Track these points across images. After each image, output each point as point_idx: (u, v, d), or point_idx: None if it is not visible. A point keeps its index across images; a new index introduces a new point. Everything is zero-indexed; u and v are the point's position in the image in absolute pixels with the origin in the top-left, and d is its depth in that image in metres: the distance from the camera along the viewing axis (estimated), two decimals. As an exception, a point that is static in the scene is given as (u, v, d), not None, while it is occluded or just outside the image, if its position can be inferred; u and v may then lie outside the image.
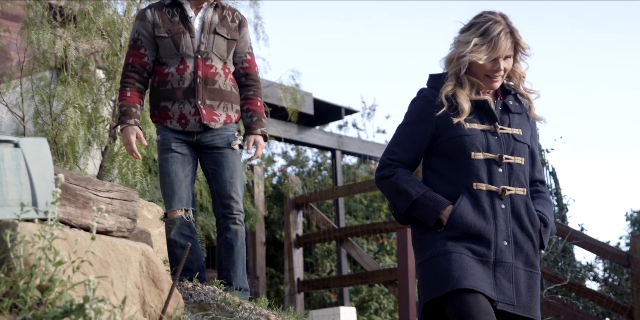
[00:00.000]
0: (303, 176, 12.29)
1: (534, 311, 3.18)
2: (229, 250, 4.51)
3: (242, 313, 3.59)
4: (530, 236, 3.23)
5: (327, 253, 11.32)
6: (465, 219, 3.15)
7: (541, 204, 3.36)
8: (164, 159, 4.50)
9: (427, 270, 3.15)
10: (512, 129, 3.31)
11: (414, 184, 3.24)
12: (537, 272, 3.25)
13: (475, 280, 3.04)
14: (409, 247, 7.05)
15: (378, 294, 11.23)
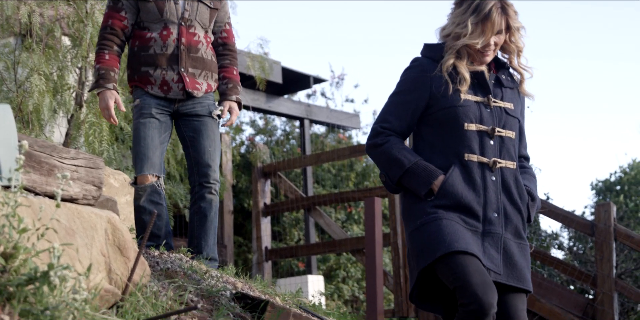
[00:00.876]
0: (271, 145, 12.27)
1: (527, 282, 3.20)
2: (202, 219, 4.51)
3: (209, 281, 3.59)
4: (519, 209, 3.25)
5: (295, 222, 11.34)
6: (456, 190, 3.16)
7: (527, 179, 3.39)
8: (142, 124, 4.45)
9: (419, 238, 3.15)
10: (504, 102, 3.32)
11: (407, 153, 3.24)
12: (527, 244, 3.27)
13: (467, 243, 3.06)
14: (376, 216, 7.08)
15: (346, 263, 11.30)
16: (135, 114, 4.51)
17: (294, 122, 12.60)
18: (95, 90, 4.51)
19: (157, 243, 4.34)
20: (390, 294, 10.79)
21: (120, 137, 7.15)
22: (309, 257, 9.39)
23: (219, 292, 3.42)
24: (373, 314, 6.83)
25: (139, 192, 4.41)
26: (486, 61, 3.32)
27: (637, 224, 13.77)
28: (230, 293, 3.52)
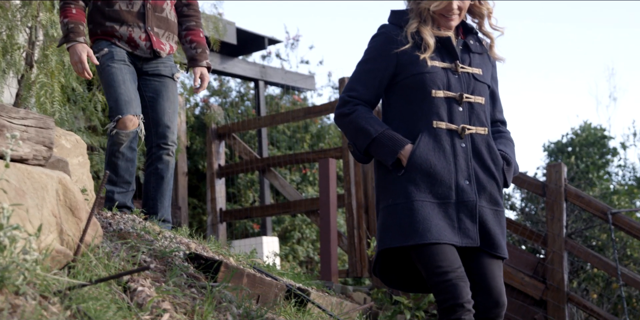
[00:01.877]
0: (226, 107, 12.21)
1: (501, 249, 3.19)
2: (158, 180, 4.49)
3: (162, 241, 3.58)
4: (492, 175, 3.23)
5: (249, 183, 11.33)
6: (425, 159, 3.13)
7: (503, 144, 3.36)
8: (117, 68, 4.38)
9: (389, 217, 3.15)
10: (472, 68, 3.28)
11: (374, 122, 3.20)
12: (502, 210, 3.26)
13: (439, 231, 3.06)
14: (330, 177, 7.10)
15: (300, 224, 11.34)
16: (106, 61, 4.41)
17: (248, 83, 12.53)
18: (65, 45, 4.41)
19: (127, 189, 4.35)
20: (344, 255, 10.87)
21: (72, 98, 7.06)
22: (263, 219, 9.41)
23: (172, 253, 3.42)
24: (327, 274, 6.87)
25: (121, 137, 4.34)
26: (451, 26, 3.28)
27: (588, 184, 13.97)
28: (184, 254, 3.52)
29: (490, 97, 3.39)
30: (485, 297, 3.12)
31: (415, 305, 6.29)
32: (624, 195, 13.62)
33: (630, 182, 16.47)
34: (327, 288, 5.92)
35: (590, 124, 15.76)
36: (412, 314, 6.29)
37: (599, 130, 15.62)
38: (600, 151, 15.51)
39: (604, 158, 15.63)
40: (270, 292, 3.84)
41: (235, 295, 3.38)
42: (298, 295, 4.12)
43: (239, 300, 3.35)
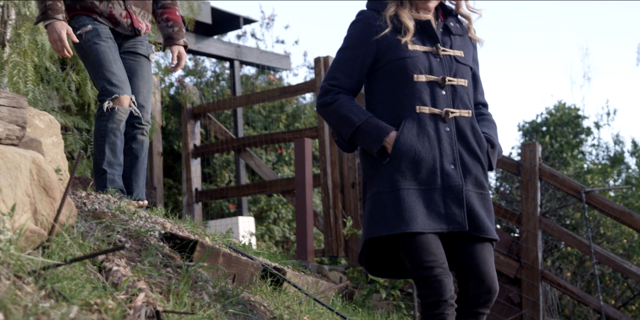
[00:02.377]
0: (201, 86, 12.15)
1: (490, 232, 3.16)
2: (133, 160, 4.48)
3: (138, 221, 3.57)
4: (478, 158, 3.20)
5: (225, 163, 11.31)
6: (410, 146, 3.10)
7: (486, 126, 3.33)
8: (107, 47, 4.35)
9: (375, 206, 3.13)
10: (453, 50, 3.25)
11: (357, 111, 3.17)
12: (487, 193, 3.24)
13: (424, 220, 3.04)
14: (306, 157, 7.10)
15: (276, 204, 11.35)
16: (92, 38, 4.36)
17: (224, 63, 12.48)
18: (42, 22, 4.36)
19: (121, 171, 4.35)
20: (320, 235, 10.90)
21: (46, 77, 7.00)
22: (239, 199, 9.40)
23: (147, 233, 3.41)
24: (303, 253, 6.89)
25: (121, 114, 4.33)
26: (429, 8, 3.25)
27: (562, 164, 14.07)
28: (159, 233, 3.51)
29: (472, 79, 3.35)
30: (477, 283, 3.10)
31: (391, 284, 6.32)
32: (598, 174, 13.73)
33: (604, 161, 16.61)
34: (303, 267, 5.94)
35: (564, 104, 15.84)
36: (388, 293, 6.33)
37: (573, 110, 15.70)
38: (574, 131, 15.61)
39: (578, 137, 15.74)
40: (246, 271, 3.85)
41: (211, 275, 3.38)
42: (274, 275, 4.13)
43: (214, 280, 3.35)
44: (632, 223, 7.24)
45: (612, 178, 15.25)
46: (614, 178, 15.47)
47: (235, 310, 3.17)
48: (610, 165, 15.98)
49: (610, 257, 7.26)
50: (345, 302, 5.02)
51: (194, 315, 2.71)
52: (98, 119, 4.39)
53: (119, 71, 4.35)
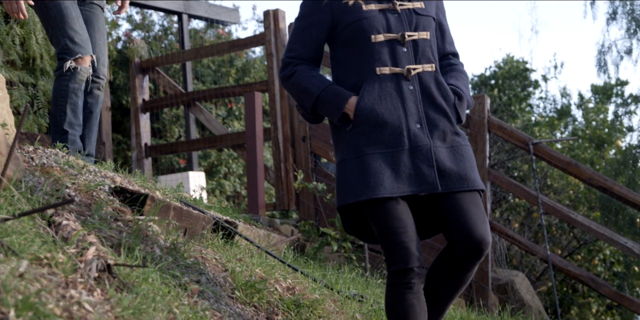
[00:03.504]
0: (149, 41, 11.99)
1: (470, 182, 3.06)
2: (88, 115, 4.43)
3: (87, 176, 3.54)
4: (444, 112, 3.10)
5: (175, 118, 11.23)
6: (371, 109, 3.03)
7: (454, 77, 3.23)
8: (69, 3, 4.28)
9: (341, 174, 3.07)
10: (412, 3, 3.14)
11: (315, 80, 3.10)
12: (459, 144, 3.12)
13: (392, 184, 2.97)
14: (256, 111, 7.07)
15: (227, 159, 11.32)
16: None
17: (171, 17, 12.30)
18: None
19: (80, 133, 4.32)
20: (271, 189, 10.90)
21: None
22: (189, 154, 9.36)
23: (97, 187, 3.38)
24: (254, 207, 6.90)
25: (83, 74, 4.30)
26: None
27: (510, 116, 14.19)
28: (109, 187, 3.48)
29: (438, 30, 3.26)
30: (464, 236, 2.97)
31: (342, 237, 6.36)
32: (545, 126, 13.89)
33: (551, 113, 16.80)
34: (254, 221, 5.95)
35: (512, 57, 15.94)
36: (339, 246, 6.38)
37: (521, 63, 15.81)
38: (522, 84, 15.74)
39: (525, 90, 15.88)
40: (198, 225, 3.84)
41: (162, 229, 3.38)
42: (225, 228, 4.13)
43: (166, 234, 3.34)
44: (579, 174, 7.35)
45: (559, 130, 15.45)
46: (561, 130, 15.67)
47: (187, 263, 3.17)
48: (557, 117, 16.18)
49: (557, 207, 7.38)
50: (296, 255, 5.05)
51: (146, 268, 2.70)
52: (59, 78, 4.34)
53: (82, 30, 4.29)
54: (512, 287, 7.28)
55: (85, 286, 2.32)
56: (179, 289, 2.83)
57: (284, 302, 3.48)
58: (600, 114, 15.42)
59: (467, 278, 3.07)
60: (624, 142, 14.96)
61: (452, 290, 3.09)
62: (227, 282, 3.36)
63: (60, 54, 4.30)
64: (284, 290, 3.62)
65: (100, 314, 2.15)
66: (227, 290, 3.29)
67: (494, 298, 7.11)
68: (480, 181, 3.11)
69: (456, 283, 3.06)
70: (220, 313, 2.92)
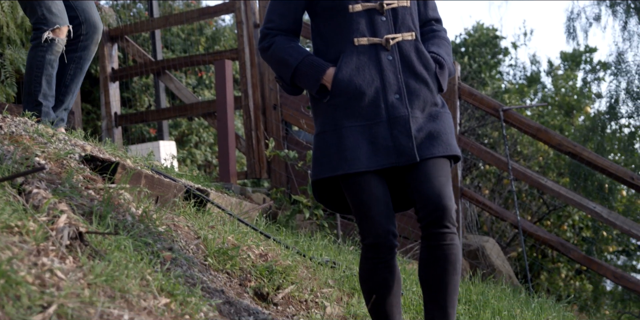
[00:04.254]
0: (117, 9, 11.87)
1: (450, 148, 3.01)
2: (77, 70, 4.45)
3: (57, 144, 3.51)
4: (425, 81, 3.03)
5: (144, 88, 11.16)
6: (349, 81, 2.97)
7: (436, 44, 3.15)
8: None
9: (319, 147, 3.03)
10: None
11: (293, 51, 3.04)
12: (441, 110, 3.06)
13: (369, 158, 2.93)
14: (227, 79, 7.04)
15: (198, 128, 11.29)
16: None
17: (139, -16, 12.19)
18: None
19: (53, 104, 4.30)
20: (242, 158, 10.90)
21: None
22: (160, 123, 9.31)
23: (67, 155, 3.36)
24: (226, 176, 6.90)
25: (60, 45, 4.30)
26: None
27: (480, 84, 14.23)
28: (79, 156, 3.46)
29: None
30: (423, 203, 2.92)
31: (314, 204, 6.38)
32: (515, 93, 13.95)
33: (521, 81, 16.86)
34: (226, 189, 5.96)
35: (482, 25, 15.95)
36: (311, 213, 6.40)
37: (491, 31, 15.82)
38: (492, 51, 15.77)
39: (495, 58, 15.91)
40: (169, 193, 3.84)
41: (133, 197, 3.37)
42: (197, 196, 4.13)
43: (137, 201, 3.33)
44: (548, 140, 7.41)
45: (529, 97, 15.52)
46: (531, 97, 15.75)
47: (159, 231, 3.17)
48: (527, 84, 16.24)
49: (527, 173, 7.44)
50: (268, 222, 5.07)
51: (118, 235, 2.70)
52: (35, 48, 4.31)
53: (55, 4, 4.26)
54: (483, 253, 7.35)
55: (57, 254, 2.31)
56: (152, 257, 2.83)
57: (257, 269, 3.49)
58: (570, 80, 15.49)
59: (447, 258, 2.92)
60: (592, 108, 15.06)
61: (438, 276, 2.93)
62: (200, 249, 3.37)
63: (37, 24, 4.27)
64: (257, 257, 3.63)
65: (72, 281, 2.15)
66: (200, 258, 3.30)
67: (464, 263, 7.18)
68: (457, 147, 3.06)
69: (437, 265, 2.93)
70: (193, 280, 2.93)
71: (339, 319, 3.59)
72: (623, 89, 12.80)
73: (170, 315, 2.38)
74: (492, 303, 4.60)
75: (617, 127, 13.86)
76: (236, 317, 2.87)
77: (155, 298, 2.42)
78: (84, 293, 2.11)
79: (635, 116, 13.31)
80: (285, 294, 3.48)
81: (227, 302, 2.97)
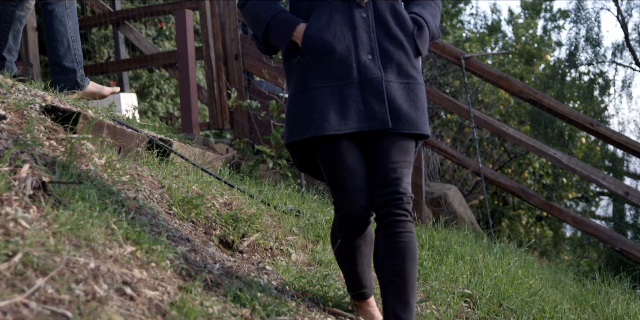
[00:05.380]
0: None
1: (419, 125, 2.87)
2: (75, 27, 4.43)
3: (16, 94, 3.47)
4: (400, 44, 2.88)
5: (103, 39, 11.02)
6: (319, 38, 2.83)
7: (420, 5, 2.99)
8: None
9: (289, 109, 2.90)
10: None
11: (267, 7, 2.90)
12: (416, 82, 2.91)
13: (340, 121, 2.77)
14: (187, 29, 6.96)
15: (158, 79, 11.20)
16: None
17: None
18: None
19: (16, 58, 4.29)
20: (205, 110, 10.84)
21: None
22: (120, 75, 9.21)
23: (27, 106, 3.32)
24: (188, 126, 6.87)
25: (30, 3, 4.30)
26: None
27: (441, 33, 14.22)
28: (40, 106, 3.42)
29: None
30: (380, 187, 2.81)
31: (277, 154, 6.39)
32: (476, 42, 13.97)
33: (482, 30, 16.88)
34: (189, 140, 5.93)
35: (444, -27, 15.86)
36: (275, 163, 6.41)
37: (453, -21, 15.76)
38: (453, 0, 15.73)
39: (456, 7, 15.88)
40: (132, 143, 3.82)
41: (96, 147, 3.35)
42: (160, 146, 4.11)
43: (100, 151, 3.31)
44: (509, 87, 7.45)
45: (490, 46, 15.56)
46: (492, 46, 15.80)
47: (123, 180, 3.16)
48: (488, 33, 16.27)
49: (488, 120, 7.49)
50: (232, 172, 5.07)
51: (81, 185, 2.69)
52: (4, 2, 4.24)
53: None
54: (445, 200, 7.43)
55: (20, 204, 2.30)
56: (116, 206, 2.83)
57: (222, 217, 3.50)
58: (530, 29, 15.54)
59: (407, 246, 2.81)
60: (552, 56, 15.15)
61: (399, 266, 2.80)
62: (164, 198, 3.37)
63: None
64: (221, 205, 3.64)
65: (37, 230, 2.15)
66: (165, 207, 3.30)
67: (427, 211, 7.26)
68: (427, 126, 2.91)
69: (398, 255, 2.80)
70: (158, 228, 2.93)
71: (304, 265, 3.62)
72: (582, 37, 12.85)
73: (136, 263, 2.39)
74: (455, 248, 4.66)
75: (576, 75, 13.97)
76: (202, 264, 2.88)
77: (121, 246, 2.42)
78: (49, 242, 2.11)
79: (594, 63, 13.40)
80: (251, 241, 3.50)
81: (192, 250, 2.99)
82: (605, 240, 7.40)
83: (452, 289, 3.93)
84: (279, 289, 3.10)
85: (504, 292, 4.10)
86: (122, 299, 2.10)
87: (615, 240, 7.35)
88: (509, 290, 4.18)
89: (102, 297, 2.00)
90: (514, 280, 4.43)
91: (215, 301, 2.48)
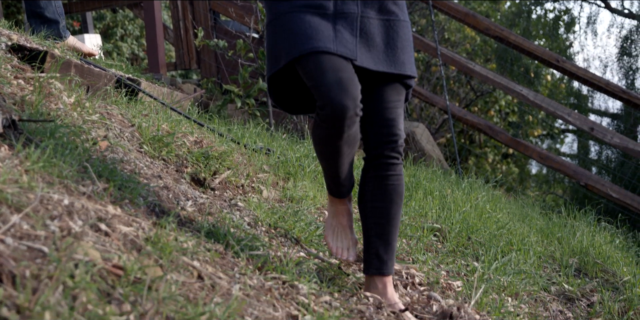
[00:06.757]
0: None
1: (401, 66, 2.72)
2: None
3: (-19, 34, 3.43)
4: None
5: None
6: None
7: None
8: None
9: (271, 37, 2.70)
10: None
11: None
12: (398, 19, 2.74)
13: (324, 39, 2.56)
14: (151, -33, 6.86)
15: (123, 20, 11.05)
16: None
17: None
18: None
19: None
20: (171, 50, 10.74)
21: None
22: (84, 15, 9.08)
23: (-7, 45, 3.28)
24: (155, 67, 6.82)
25: None
26: None
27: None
28: (6, 45, 3.39)
29: None
30: (375, 127, 2.72)
31: (245, 93, 6.37)
32: (443, -20, 13.88)
33: (449, -33, 16.77)
34: (156, 80, 5.90)
35: None
36: (243, 102, 6.39)
37: None
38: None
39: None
40: (100, 82, 3.79)
41: (65, 86, 3.32)
42: (128, 86, 4.09)
43: (69, 90, 3.29)
44: (476, 24, 7.44)
45: (457, -16, 15.46)
46: (458, -16, 15.69)
47: (93, 119, 3.15)
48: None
49: (455, 58, 7.50)
50: (201, 112, 5.06)
51: (52, 123, 2.68)
52: None
53: None
54: (413, 138, 7.47)
55: (-9, 142, 2.30)
56: (88, 144, 2.83)
57: (193, 155, 3.51)
58: (496, -34, 15.45)
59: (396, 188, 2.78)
60: (519, -6, 15.11)
61: (386, 208, 2.79)
62: (135, 137, 3.36)
63: None
64: (192, 144, 3.64)
65: (9, 168, 2.15)
66: (135, 145, 3.30)
67: (396, 149, 7.30)
68: (414, 67, 2.76)
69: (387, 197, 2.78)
70: (130, 166, 2.94)
71: (276, 202, 3.65)
72: (549, -27, 12.81)
73: (110, 200, 2.40)
74: (424, 184, 4.71)
75: (542, 12, 13.96)
76: (175, 201, 2.90)
77: (94, 183, 2.43)
78: (22, 179, 2.11)
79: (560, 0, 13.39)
80: (222, 179, 3.52)
81: (165, 187, 3.00)
82: (570, 175, 7.51)
83: (422, 223, 3.99)
84: (251, 225, 3.13)
85: (472, 226, 4.17)
86: (98, 235, 2.11)
87: (580, 175, 7.46)
88: (478, 224, 4.25)
89: (78, 232, 2.01)
90: (482, 215, 4.50)
91: (189, 237, 2.51)
